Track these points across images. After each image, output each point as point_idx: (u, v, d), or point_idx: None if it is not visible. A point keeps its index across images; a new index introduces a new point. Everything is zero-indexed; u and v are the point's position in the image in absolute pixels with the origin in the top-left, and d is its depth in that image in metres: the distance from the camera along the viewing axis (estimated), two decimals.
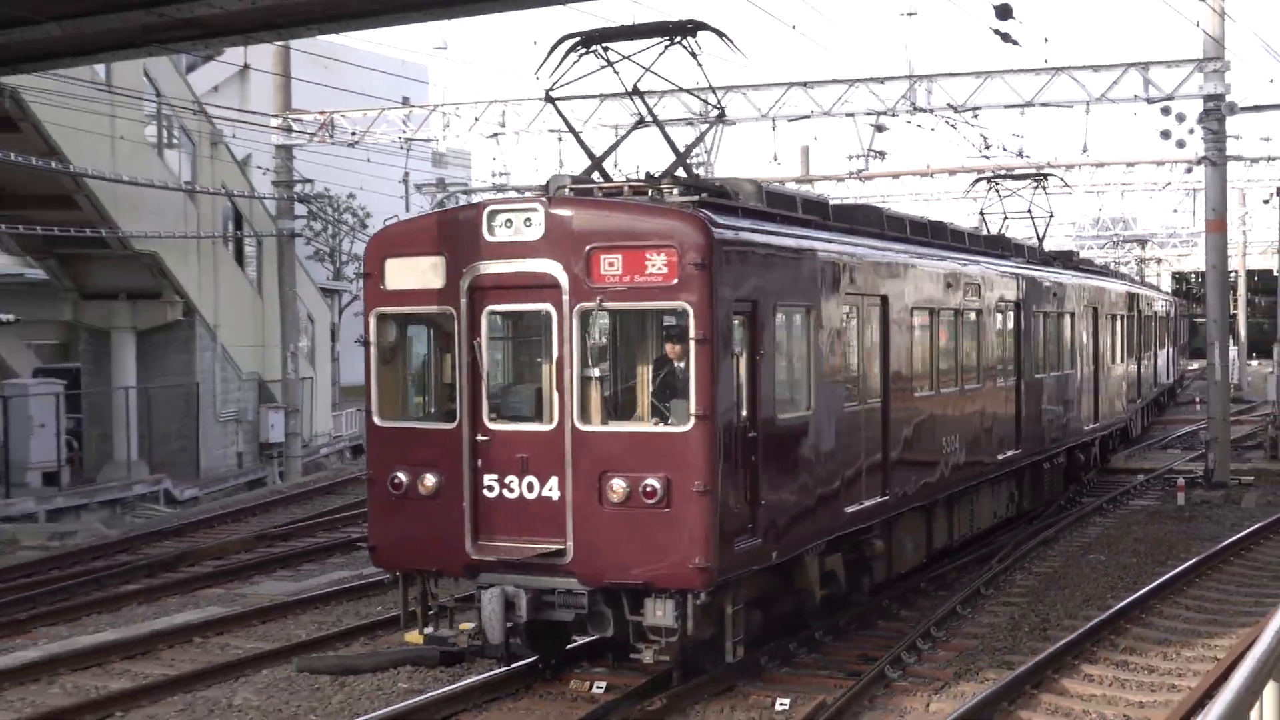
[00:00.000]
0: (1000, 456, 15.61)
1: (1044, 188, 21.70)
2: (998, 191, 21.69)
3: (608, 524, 8.73)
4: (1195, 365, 47.98)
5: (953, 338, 14.32)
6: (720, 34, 10.67)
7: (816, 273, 10.81)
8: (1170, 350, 38.77)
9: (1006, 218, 21.88)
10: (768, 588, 10.19)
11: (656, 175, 10.49)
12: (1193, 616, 13.39)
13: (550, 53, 10.67)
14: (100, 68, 24.09)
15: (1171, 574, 14.89)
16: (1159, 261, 50.14)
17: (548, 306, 9.04)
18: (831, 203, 13.65)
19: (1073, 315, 19.61)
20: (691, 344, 8.52)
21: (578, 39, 10.59)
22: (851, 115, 24.99)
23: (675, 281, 8.58)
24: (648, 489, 8.50)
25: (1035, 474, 17.73)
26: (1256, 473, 24.85)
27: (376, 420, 9.96)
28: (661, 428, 8.95)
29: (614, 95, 21.35)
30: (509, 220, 9.14)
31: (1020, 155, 30.38)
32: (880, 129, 27.55)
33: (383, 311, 9.91)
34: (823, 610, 11.52)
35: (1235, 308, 41.34)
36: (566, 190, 9.79)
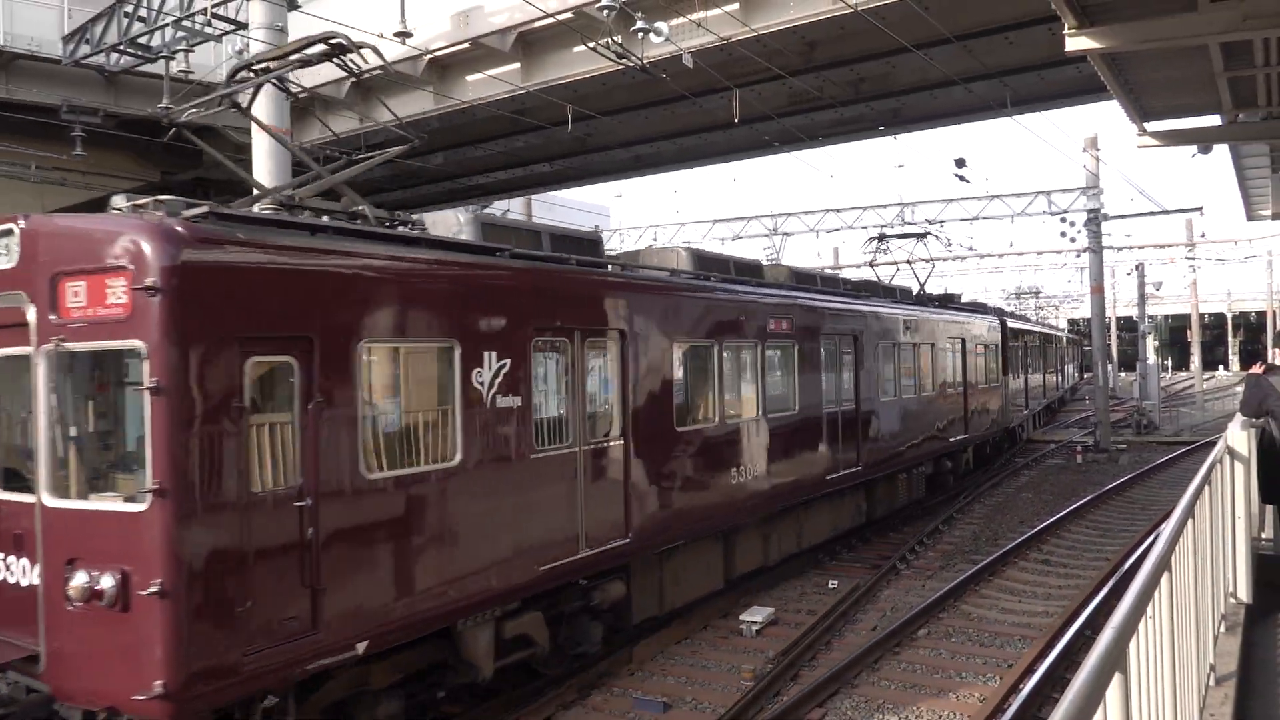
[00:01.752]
0: (835, 475, 13.47)
1: (924, 243, 21.47)
2: (887, 247, 21.46)
3: (74, 627, 5.81)
4: (1087, 375, 56.08)
5: (749, 370, 11.77)
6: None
7: (463, 297, 7.58)
8: (1069, 367, 49.33)
9: (899, 267, 21.48)
10: (422, 661, 7.45)
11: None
12: (1090, 532, 15.68)
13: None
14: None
15: (1075, 505, 17.26)
16: (1057, 308, 64.79)
17: (22, 349, 6.17)
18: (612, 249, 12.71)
19: (933, 345, 17.93)
20: (146, 395, 5.57)
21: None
22: (865, 227, 32.52)
23: (130, 313, 5.69)
24: (98, 587, 5.61)
25: (890, 484, 15.86)
26: (1128, 443, 28.84)
27: None
28: (120, 505, 5.84)
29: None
30: None
31: (970, 249, 37.82)
32: (882, 237, 33.95)
33: None
34: (522, 677, 8.78)
35: (1110, 340, 49.86)
36: (120, 209, 6.49)
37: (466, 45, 17.31)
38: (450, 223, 8.97)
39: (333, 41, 7.80)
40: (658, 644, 10.16)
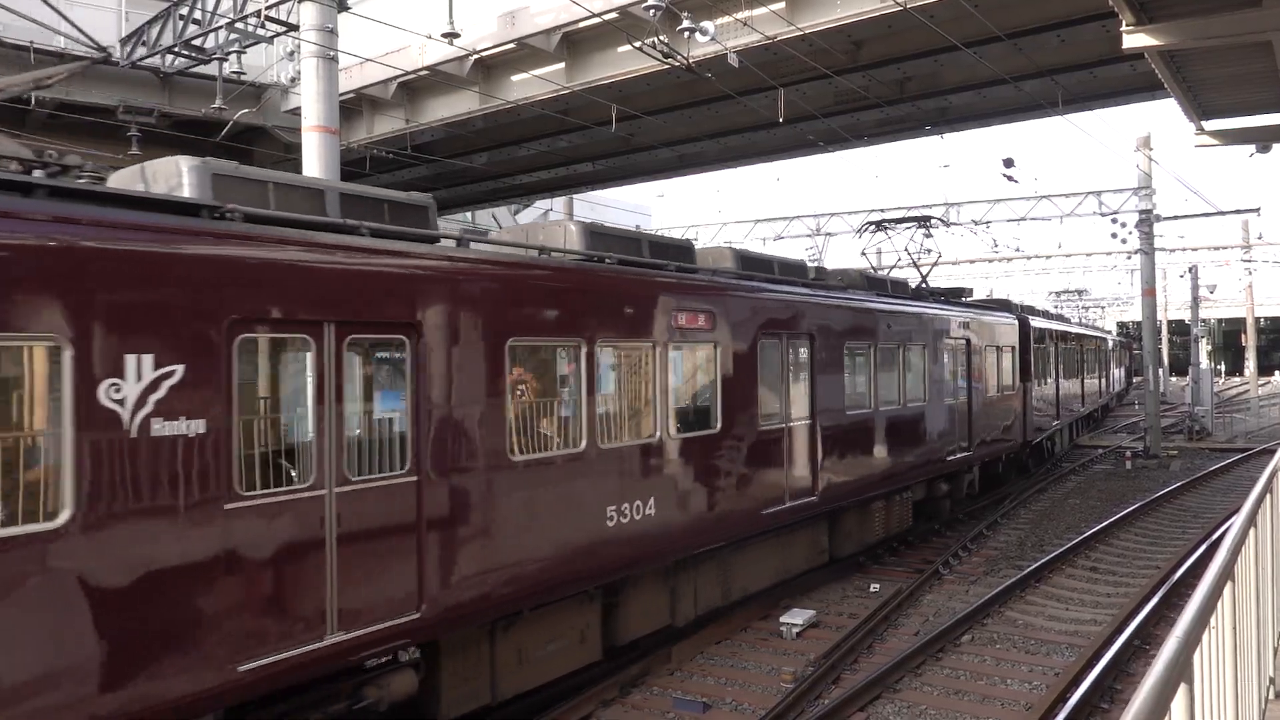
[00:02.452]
0: (778, 508, 10.70)
1: (928, 230, 19.02)
2: (886, 233, 19.11)
3: None
4: (1137, 380, 57.22)
5: (647, 375, 8.93)
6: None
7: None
8: (1117, 371, 46.61)
9: (900, 256, 19.52)
10: None
11: None
12: (1140, 540, 15.32)
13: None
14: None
15: (1124, 512, 16.86)
16: (1103, 309, 63.77)
17: None
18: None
19: (925, 346, 14.90)
20: None
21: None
22: (909, 227, 31.19)
23: None
24: None
25: (862, 514, 13.20)
26: (1179, 449, 28.13)
27: None
28: None
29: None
30: None
31: (1017, 250, 37.38)
32: (928, 235, 32.96)
33: None
34: None
35: (1161, 344, 48.90)
36: None
37: (512, 46, 17.43)
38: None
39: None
40: (697, 645, 10.13)
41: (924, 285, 18.44)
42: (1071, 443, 28.41)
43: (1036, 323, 22.57)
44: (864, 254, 20.41)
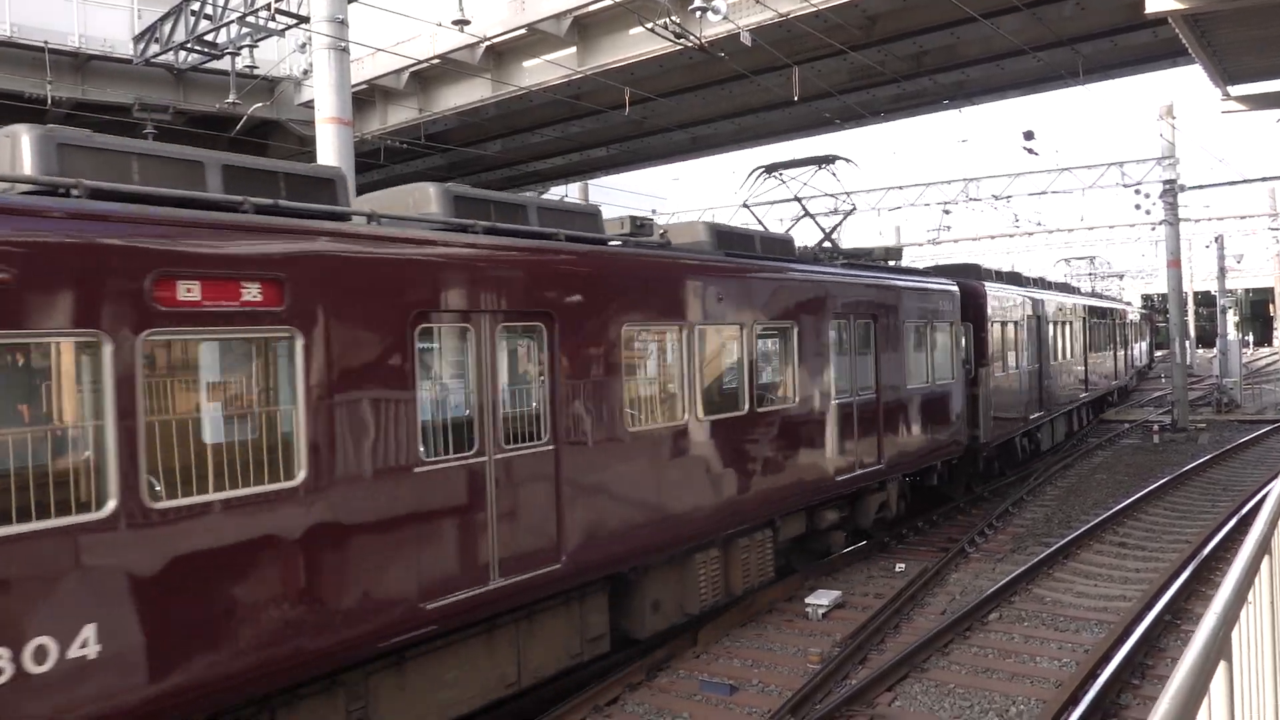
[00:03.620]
0: (450, 599, 6.70)
1: (833, 172, 13.77)
2: (781, 179, 14.17)
3: None
4: (1160, 353, 55.55)
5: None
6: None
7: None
8: (1137, 346, 43.02)
9: (802, 210, 14.69)
10: None
11: None
12: (1169, 514, 15.10)
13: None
14: None
15: (1152, 486, 16.60)
16: (1120, 277, 61.37)
17: None
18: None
19: (797, 329, 10.88)
20: None
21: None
22: (928, 205, 31.71)
23: None
24: None
25: (678, 575, 9.46)
26: (1208, 421, 27.72)
27: None
28: None
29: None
30: None
31: (1038, 224, 36.55)
32: (946, 212, 32.14)
33: None
34: None
35: (1188, 315, 47.79)
36: None
37: (523, 31, 17.36)
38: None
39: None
40: (722, 627, 10.12)
41: (831, 246, 13.92)
42: (1071, 434, 24.42)
43: (999, 292, 17.84)
44: (747, 205, 14.57)
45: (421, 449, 6.53)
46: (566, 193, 36.47)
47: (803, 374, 10.95)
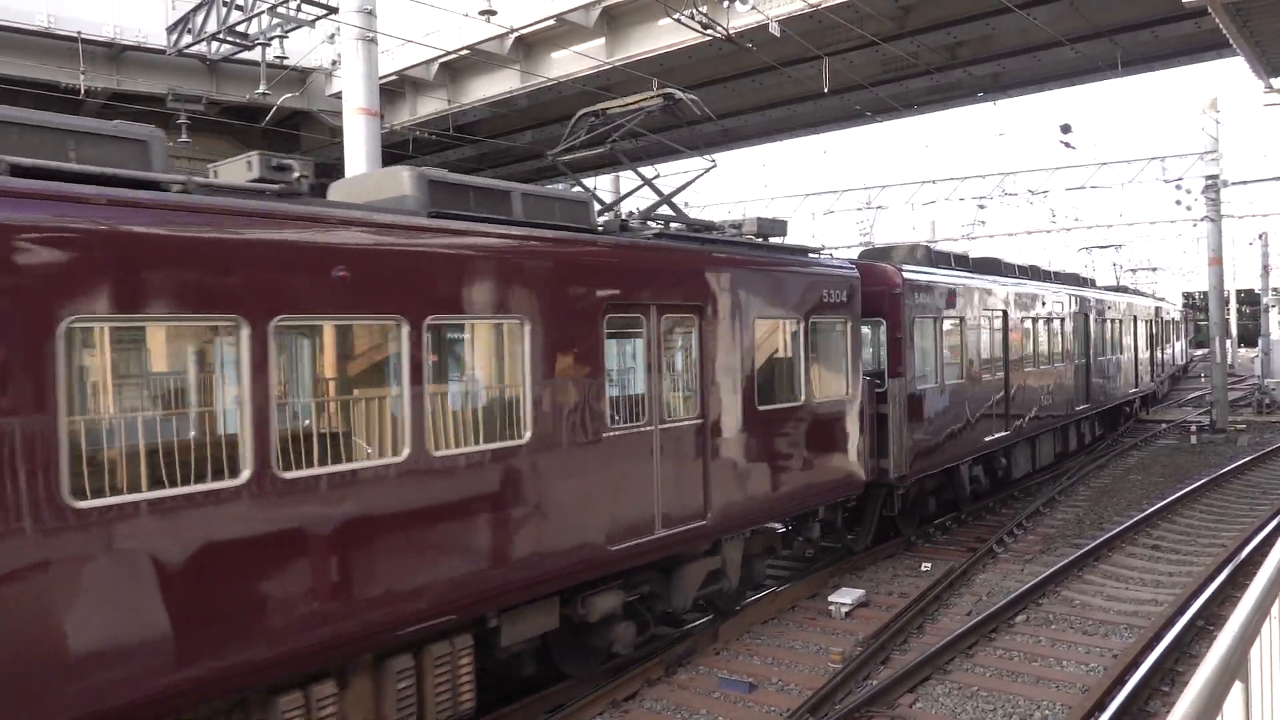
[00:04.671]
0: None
1: (679, 114, 11.38)
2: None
3: None
4: (1200, 352, 55.30)
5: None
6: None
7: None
8: (1174, 346, 40.30)
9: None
10: None
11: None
12: (1204, 517, 14.80)
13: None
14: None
15: (1189, 488, 16.29)
16: (1154, 270, 59.72)
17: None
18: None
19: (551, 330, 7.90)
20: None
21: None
22: (962, 199, 30.98)
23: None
24: None
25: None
26: (1247, 423, 27.29)
27: None
28: None
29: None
30: None
31: (1076, 221, 35.91)
32: (982, 207, 31.53)
33: None
34: None
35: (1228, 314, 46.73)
36: None
37: (551, 22, 17.33)
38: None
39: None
40: (744, 623, 10.07)
41: (676, 213, 9.84)
42: (1066, 454, 20.08)
43: (927, 278, 13.36)
44: (555, 158, 10.37)
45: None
46: (596, 185, 36.39)
47: (549, 393, 7.36)
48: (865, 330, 12.41)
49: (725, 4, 13.13)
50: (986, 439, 15.07)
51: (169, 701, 5.12)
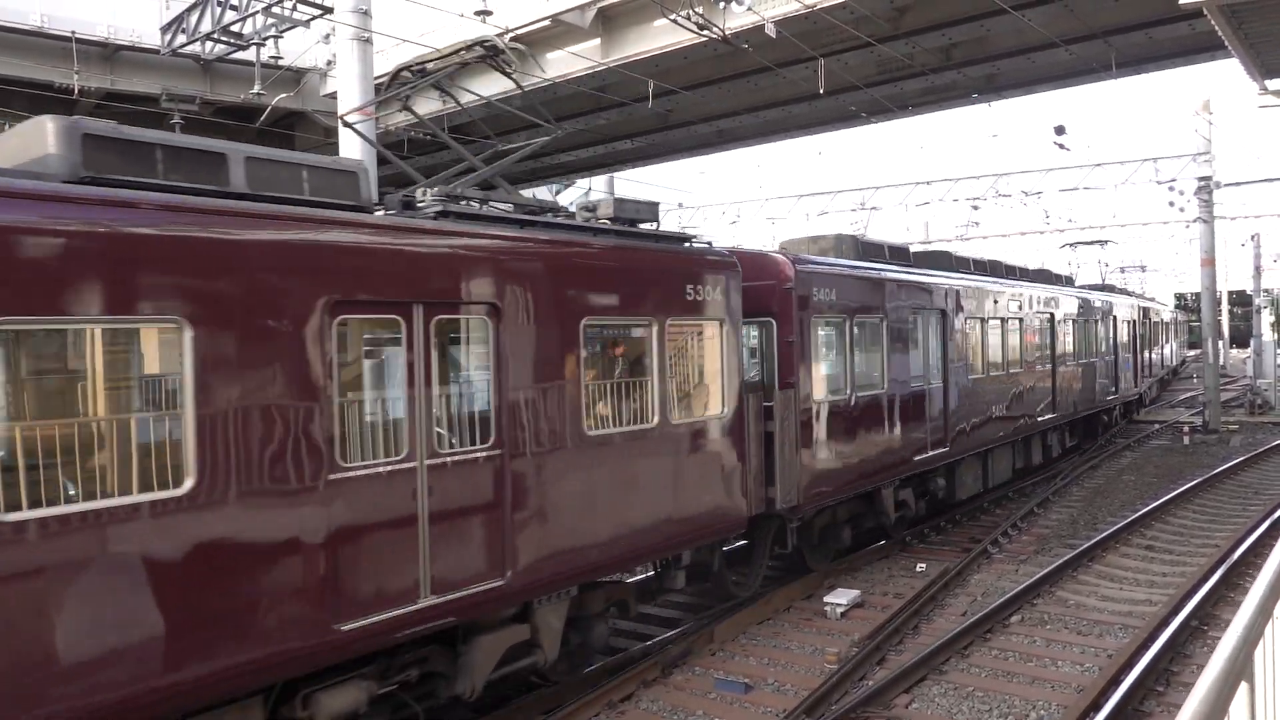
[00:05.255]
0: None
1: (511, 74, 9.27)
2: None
3: None
4: (1193, 353, 54.90)
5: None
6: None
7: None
8: (1167, 348, 39.35)
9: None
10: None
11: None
12: (1197, 518, 14.81)
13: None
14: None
15: (1182, 489, 16.31)
16: (1143, 269, 58.80)
17: None
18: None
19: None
20: None
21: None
22: (956, 200, 30.95)
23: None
24: None
25: None
26: (1240, 423, 27.31)
27: None
28: None
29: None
30: None
31: (1070, 222, 36.22)
32: (976, 208, 31.56)
33: None
34: None
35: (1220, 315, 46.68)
36: None
37: (547, 22, 17.30)
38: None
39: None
40: (739, 624, 10.06)
41: (486, 189, 8.60)
42: (1029, 470, 18.26)
43: (832, 270, 11.41)
44: (345, 121, 10.96)
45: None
46: (591, 186, 36.42)
47: (227, 424, 5.35)
48: (754, 333, 10.62)
49: (721, 5, 13.13)
50: (917, 457, 13.07)
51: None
